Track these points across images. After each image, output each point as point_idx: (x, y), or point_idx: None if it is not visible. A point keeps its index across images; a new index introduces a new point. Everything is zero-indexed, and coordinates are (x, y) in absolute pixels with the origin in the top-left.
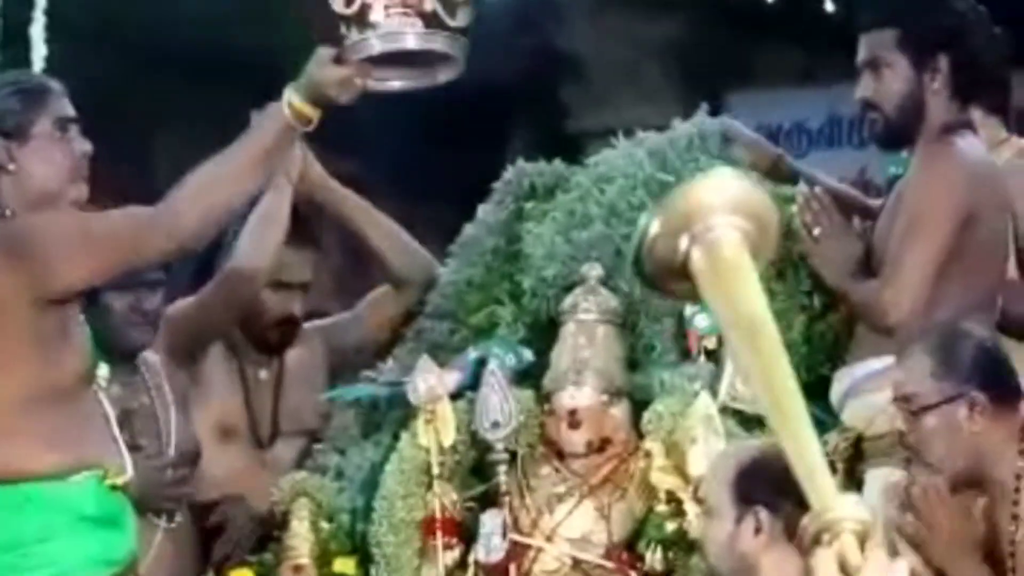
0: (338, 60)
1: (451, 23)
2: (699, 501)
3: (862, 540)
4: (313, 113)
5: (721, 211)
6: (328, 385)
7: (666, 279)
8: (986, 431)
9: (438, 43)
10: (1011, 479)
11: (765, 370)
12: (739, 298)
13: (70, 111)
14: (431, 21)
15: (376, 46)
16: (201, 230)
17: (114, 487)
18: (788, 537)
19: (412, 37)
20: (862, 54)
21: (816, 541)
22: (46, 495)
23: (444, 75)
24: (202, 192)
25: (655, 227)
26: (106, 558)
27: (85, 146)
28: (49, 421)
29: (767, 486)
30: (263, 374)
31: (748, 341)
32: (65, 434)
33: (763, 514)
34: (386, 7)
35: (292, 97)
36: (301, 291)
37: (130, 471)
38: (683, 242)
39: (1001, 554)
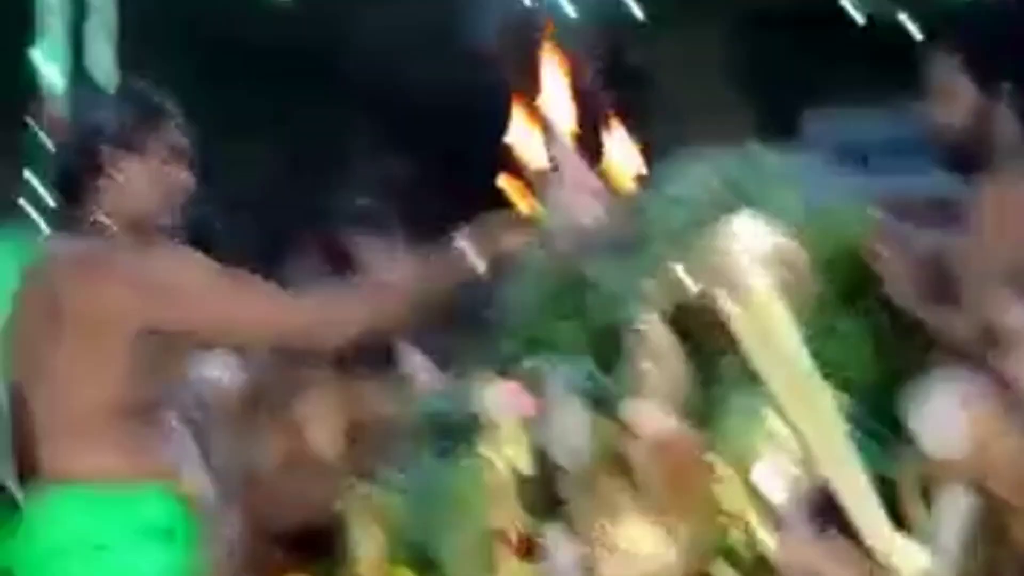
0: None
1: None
2: None
3: None
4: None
5: (755, 262)
6: None
7: (702, 331)
8: None
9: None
10: None
11: (812, 416)
12: (779, 347)
13: (184, 142)
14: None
15: (557, 230)
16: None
17: (182, 499)
18: None
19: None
20: (928, 80)
21: None
22: (116, 500)
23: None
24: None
25: (691, 279)
26: (169, 569)
27: (189, 180)
28: (128, 432)
29: None
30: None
31: (789, 387)
32: (141, 445)
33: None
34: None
35: (470, 249)
36: None
37: (199, 484)
38: (719, 294)
39: None
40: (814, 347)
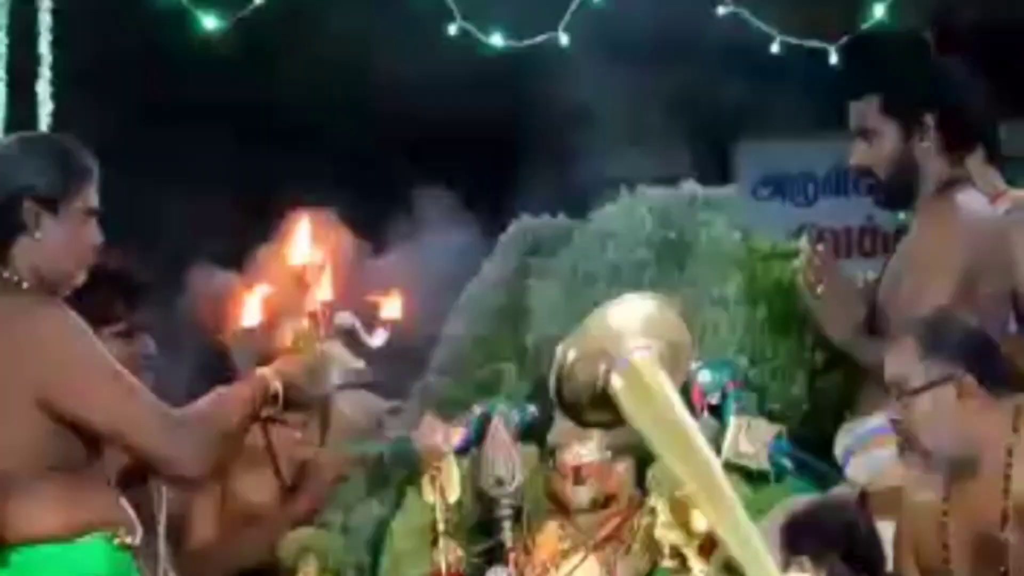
0: None
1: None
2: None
3: None
4: None
5: (635, 335)
6: None
7: (587, 406)
8: (977, 415)
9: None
10: (1003, 455)
11: (697, 476)
12: (660, 415)
13: (97, 202)
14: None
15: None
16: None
17: (124, 547)
18: None
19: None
20: (852, 122)
21: None
22: (56, 557)
23: None
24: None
25: (572, 355)
26: None
27: (99, 238)
28: (60, 487)
29: (814, 538)
30: (297, 435)
31: (676, 452)
32: (74, 498)
33: (808, 564)
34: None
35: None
36: None
37: (140, 532)
38: (601, 367)
39: (989, 531)
40: (749, 378)
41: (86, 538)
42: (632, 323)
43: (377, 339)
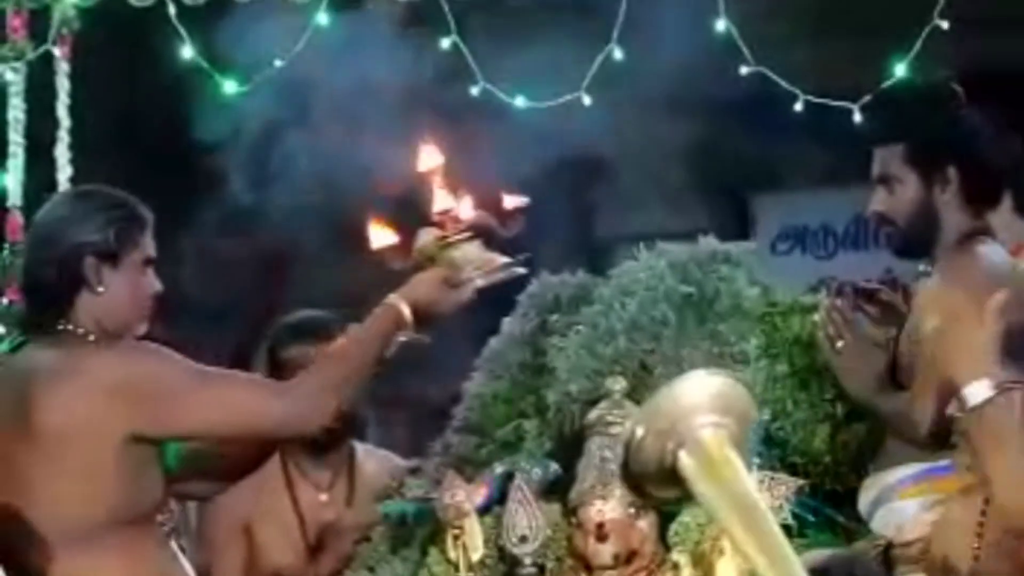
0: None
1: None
2: None
3: None
4: None
5: (702, 411)
6: None
7: (653, 482)
8: None
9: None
10: None
11: (767, 552)
12: (729, 490)
13: (154, 251)
14: None
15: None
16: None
17: None
18: None
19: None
20: (874, 169)
21: None
22: None
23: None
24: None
25: (640, 432)
26: None
27: (158, 286)
28: (123, 540)
29: None
30: (323, 497)
31: (745, 527)
32: (136, 551)
33: None
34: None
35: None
36: None
37: None
38: (669, 444)
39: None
40: (770, 432)
41: None
42: (701, 400)
43: (511, 229)
